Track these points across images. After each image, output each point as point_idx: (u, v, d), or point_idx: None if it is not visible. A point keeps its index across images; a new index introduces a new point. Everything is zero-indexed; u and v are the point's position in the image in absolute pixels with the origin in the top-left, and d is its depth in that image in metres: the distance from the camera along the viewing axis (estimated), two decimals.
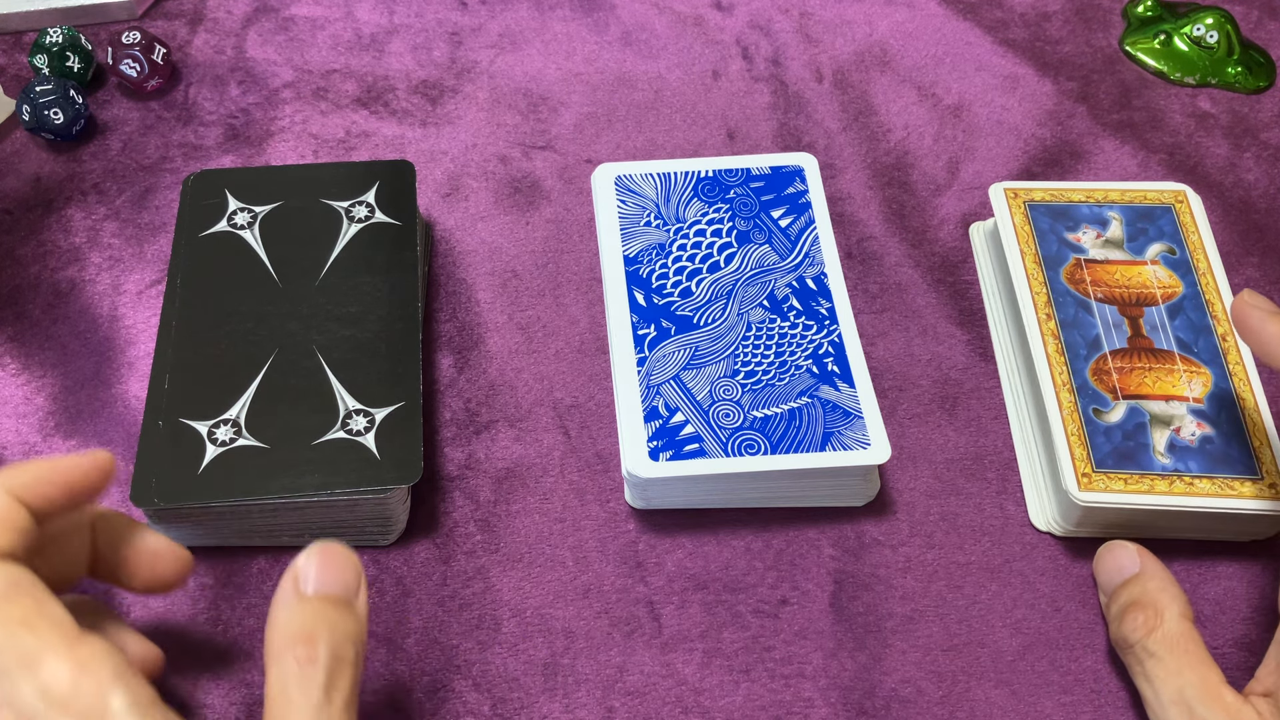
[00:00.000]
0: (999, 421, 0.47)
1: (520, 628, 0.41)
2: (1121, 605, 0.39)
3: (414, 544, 0.43)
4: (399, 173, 0.48)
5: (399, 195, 0.47)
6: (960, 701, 0.40)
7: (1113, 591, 0.40)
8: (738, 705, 0.40)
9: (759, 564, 0.43)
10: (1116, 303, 0.46)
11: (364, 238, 0.46)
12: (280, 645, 0.30)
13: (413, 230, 0.46)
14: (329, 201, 0.47)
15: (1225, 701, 0.35)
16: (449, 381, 0.47)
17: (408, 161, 0.48)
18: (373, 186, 0.47)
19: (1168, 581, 0.39)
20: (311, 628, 0.31)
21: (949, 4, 0.60)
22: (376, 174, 0.48)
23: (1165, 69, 0.58)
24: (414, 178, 0.48)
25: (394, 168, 0.48)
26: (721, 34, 0.59)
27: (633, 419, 0.42)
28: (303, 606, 0.31)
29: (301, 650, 0.30)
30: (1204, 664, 0.36)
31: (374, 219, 0.46)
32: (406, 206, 0.47)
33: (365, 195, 0.47)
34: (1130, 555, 0.40)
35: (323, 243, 0.46)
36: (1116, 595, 0.40)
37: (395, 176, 0.48)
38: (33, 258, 0.50)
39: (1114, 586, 0.40)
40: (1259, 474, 0.42)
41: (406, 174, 0.48)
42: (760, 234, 0.48)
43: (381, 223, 0.46)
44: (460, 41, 0.58)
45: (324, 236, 0.46)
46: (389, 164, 0.48)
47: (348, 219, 0.46)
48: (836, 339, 0.45)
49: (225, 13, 0.58)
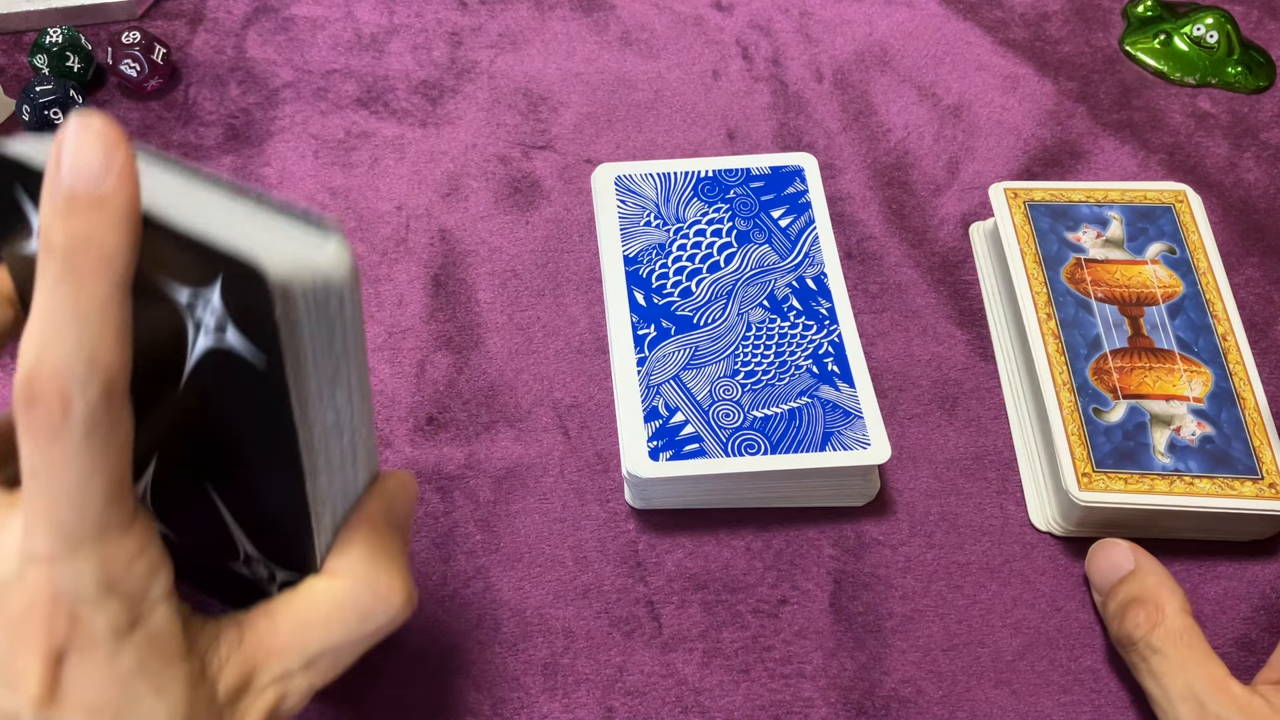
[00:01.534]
0: (999, 421, 0.47)
1: (520, 627, 0.41)
2: (1121, 603, 0.39)
3: (414, 544, 0.43)
4: (249, 283, 0.24)
5: (255, 314, 0.25)
6: (960, 701, 0.40)
7: (1109, 589, 0.40)
8: (738, 705, 0.40)
9: (759, 564, 0.43)
10: (1117, 302, 0.46)
11: (213, 368, 0.26)
12: (364, 565, 0.30)
13: (282, 384, 0.26)
14: (162, 282, 0.26)
15: (1234, 694, 0.35)
16: (449, 381, 0.47)
17: (258, 273, 0.24)
18: (214, 283, 0.25)
19: (1165, 576, 0.39)
20: (400, 566, 0.31)
21: (949, 4, 0.60)
22: (218, 267, 0.24)
23: (1165, 69, 0.58)
24: (284, 298, 0.24)
25: (243, 276, 0.24)
26: (721, 34, 0.59)
27: (633, 419, 0.42)
28: (393, 535, 0.31)
29: (386, 582, 0.30)
30: (1209, 658, 0.36)
31: (225, 338, 0.25)
32: (268, 330, 0.25)
33: (209, 293, 0.25)
34: (1124, 552, 0.40)
35: (158, 351, 0.27)
36: (1114, 593, 0.40)
37: (245, 286, 0.24)
38: None
39: (1110, 584, 0.40)
40: (1259, 474, 0.42)
41: (257, 288, 0.24)
42: (760, 234, 0.48)
43: (236, 358, 0.26)
44: (460, 41, 0.58)
45: (159, 339, 0.27)
46: (239, 264, 0.24)
47: (193, 325, 0.26)
48: (836, 339, 0.45)
49: (225, 13, 0.58)
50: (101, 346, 0.24)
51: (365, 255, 0.50)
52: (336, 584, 0.30)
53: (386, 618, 0.30)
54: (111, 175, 0.25)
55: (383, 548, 0.31)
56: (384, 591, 0.30)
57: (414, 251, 0.50)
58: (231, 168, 0.53)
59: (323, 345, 0.26)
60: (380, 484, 0.32)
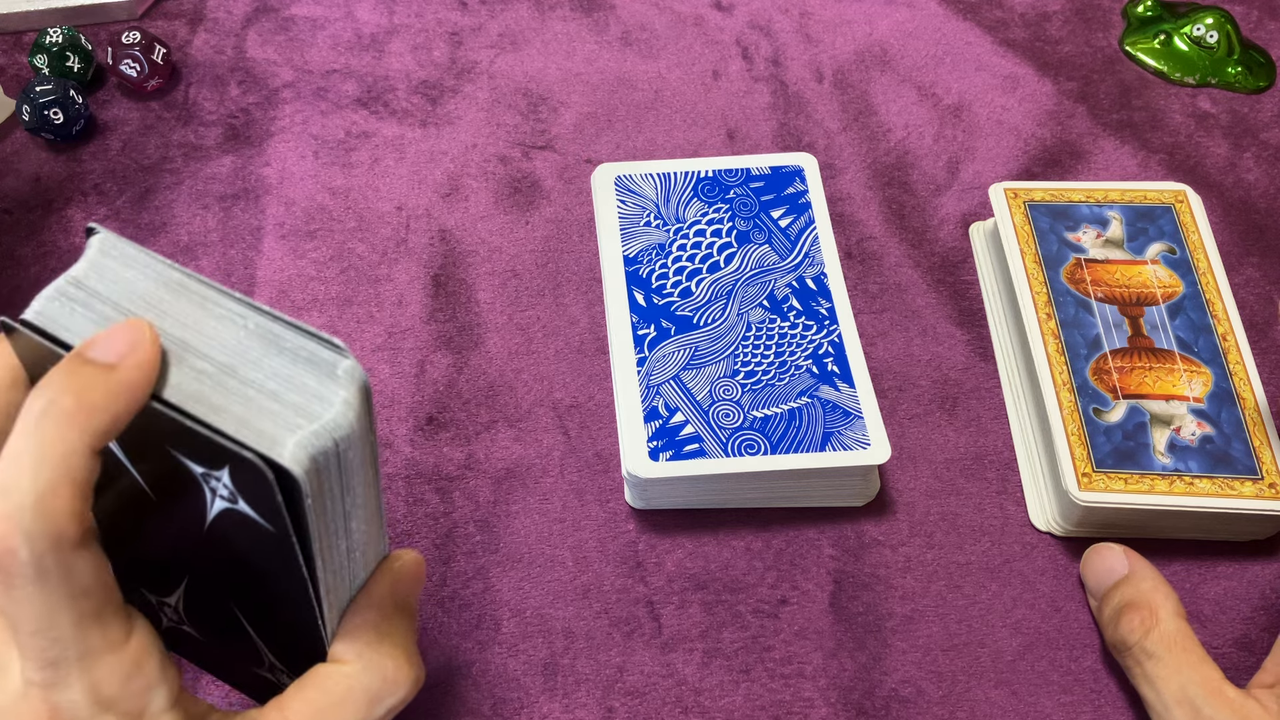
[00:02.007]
0: (999, 421, 0.47)
1: (520, 628, 0.41)
2: (1115, 608, 0.39)
3: (414, 544, 0.43)
4: (254, 475, 0.26)
5: (262, 496, 0.27)
6: (960, 701, 0.40)
7: (1103, 594, 0.40)
8: (738, 705, 0.40)
9: (759, 564, 0.43)
10: (1117, 302, 0.46)
11: (230, 523, 0.28)
12: (373, 651, 0.30)
13: (292, 545, 0.28)
14: (178, 456, 0.28)
15: (1228, 697, 0.35)
16: (449, 381, 0.47)
17: (260, 468, 0.26)
18: (224, 468, 0.27)
19: (1159, 581, 0.39)
20: (408, 647, 0.31)
21: (949, 4, 0.60)
22: (226, 458, 0.26)
23: (1165, 69, 0.58)
24: (295, 488, 0.26)
25: (249, 468, 0.26)
26: (721, 34, 0.59)
27: (633, 419, 0.42)
28: (400, 618, 0.31)
29: (393, 668, 0.30)
30: (1203, 662, 0.36)
31: (238, 506, 0.28)
32: (275, 509, 0.27)
33: (220, 473, 0.27)
34: (1118, 557, 0.40)
35: (181, 496, 0.29)
36: (1108, 598, 0.40)
37: (250, 477, 0.26)
38: (33, 258, 0.50)
39: (1104, 589, 0.40)
40: (1259, 474, 0.42)
41: (261, 480, 0.26)
42: (760, 234, 0.48)
43: (249, 518, 0.28)
44: (460, 41, 0.58)
45: (181, 487, 0.29)
46: (244, 459, 0.26)
47: (209, 490, 0.28)
48: (836, 339, 0.45)
49: (225, 13, 0.58)
50: (55, 499, 0.25)
51: (365, 255, 0.50)
52: (345, 670, 0.30)
53: (395, 699, 0.31)
54: (130, 357, 0.27)
55: (389, 630, 0.31)
56: (391, 674, 0.30)
57: (414, 251, 0.50)
58: (231, 168, 0.53)
59: (333, 502, 0.28)
60: (387, 565, 0.32)
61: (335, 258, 0.50)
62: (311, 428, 0.27)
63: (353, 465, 0.29)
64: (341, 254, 0.50)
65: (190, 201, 0.52)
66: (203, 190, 0.52)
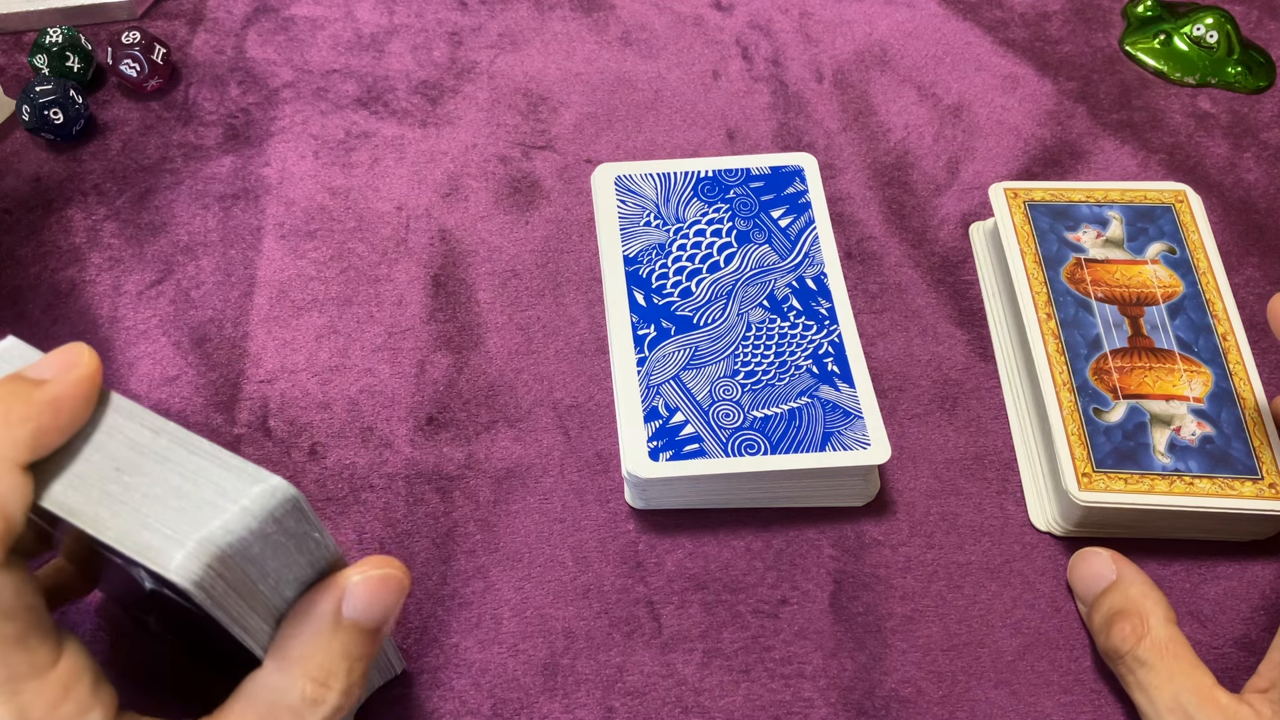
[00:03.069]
0: (999, 421, 0.47)
1: (520, 628, 0.41)
2: (1106, 615, 0.39)
3: (414, 544, 0.43)
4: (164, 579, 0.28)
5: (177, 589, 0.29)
6: (960, 701, 0.40)
7: (1092, 601, 0.40)
8: (738, 705, 0.40)
9: (759, 564, 0.43)
10: (1117, 302, 0.46)
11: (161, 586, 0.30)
12: (297, 667, 0.30)
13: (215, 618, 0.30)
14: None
15: (1221, 704, 0.35)
16: (449, 381, 0.47)
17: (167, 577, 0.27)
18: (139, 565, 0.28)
19: (1148, 586, 0.39)
20: (333, 667, 0.30)
21: (949, 4, 0.60)
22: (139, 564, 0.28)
23: (1165, 69, 0.58)
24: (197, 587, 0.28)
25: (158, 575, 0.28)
26: (721, 34, 0.59)
27: (633, 419, 0.42)
28: (335, 636, 0.30)
29: (312, 690, 0.30)
30: (1195, 668, 0.36)
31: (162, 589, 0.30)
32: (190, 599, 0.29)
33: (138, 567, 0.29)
34: (1105, 562, 0.40)
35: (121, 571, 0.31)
36: (1098, 605, 0.39)
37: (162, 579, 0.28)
38: (33, 258, 0.50)
39: (1093, 595, 0.40)
40: (1259, 474, 0.42)
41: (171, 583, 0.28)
42: (760, 234, 0.48)
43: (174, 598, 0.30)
44: (460, 41, 0.58)
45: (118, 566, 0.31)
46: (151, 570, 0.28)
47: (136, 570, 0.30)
48: (836, 339, 0.45)
49: (225, 13, 0.58)
50: None
51: (365, 255, 0.50)
52: (265, 683, 0.30)
53: (316, 718, 0.30)
54: (64, 375, 0.27)
55: (317, 649, 0.30)
56: (310, 694, 0.30)
57: (414, 251, 0.50)
58: (231, 168, 0.53)
59: (254, 584, 0.29)
60: (336, 581, 0.31)
61: (335, 258, 0.50)
62: (199, 534, 0.27)
63: (265, 560, 0.29)
64: (341, 254, 0.50)
65: (190, 201, 0.52)
66: (203, 190, 0.52)
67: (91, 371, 0.28)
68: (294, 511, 0.29)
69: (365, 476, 0.44)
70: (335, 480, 0.44)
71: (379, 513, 0.43)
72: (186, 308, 0.48)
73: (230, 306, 0.48)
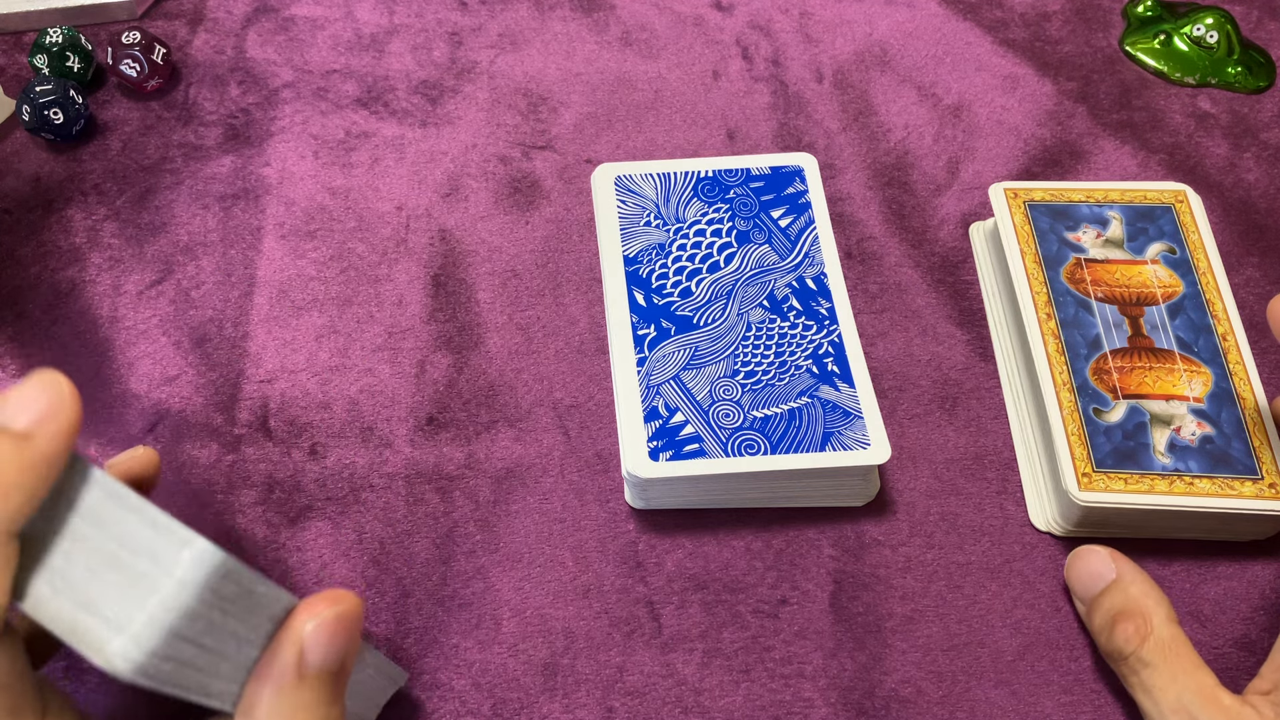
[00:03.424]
0: (999, 421, 0.47)
1: (520, 628, 0.41)
2: (1107, 616, 0.38)
3: (414, 544, 0.43)
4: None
5: None
6: (960, 701, 0.40)
7: (1092, 600, 0.40)
8: (738, 705, 0.40)
9: (759, 564, 0.43)
10: (1117, 302, 0.46)
11: None
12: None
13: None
14: None
15: (1224, 705, 0.35)
16: (449, 381, 0.47)
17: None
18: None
19: (1148, 585, 0.38)
20: (301, 706, 0.28)
21: (949, 4, 0.60)
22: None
23: (1165, 69, 0.58)
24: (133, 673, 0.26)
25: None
26: (721, 34, 0.59)
27: (633, 419, 0.42)
28: (300, 690, 0.28)
29: None
30: (1198, 668, 0.36)
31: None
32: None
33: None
34: (1104, 560, 0.40)
35: None
36: (1097, 604, 0.39)
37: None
38: (33, 258, 0.50)
39: (1092, 594, 0.40)
40: (1259, 474, 0.42)
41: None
42: (760, 234, 0.48)
43: None
44: (460, 41, 0.58)
45: None
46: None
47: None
48: (836, 339, 0.45)
49: (225, 13, 0.58)
50: None
51: (365, 255, 0.50)
52: None
53: None
54: (49, 424, 0.25)
55: (281, 706, 0.28)
56: None
57: (414, 251, 0.50)
58: (231, 168, 0.53)
59: (203, 659, 0.27)
60: (291, 630, 0.29)
61: (335, 258, 0.50)
62: (139, 618, 0.25)
63: (215, 629, 0.27)
64: (341, 254, 0.50)
65: (190, 201, 0.52)
66: (203, 190, 0.52)
67: (75, 418, 0.26)
68: (229, 575, 0.27)
69: (365, 476, 0.44)
70: (335, 480, 0.44)
71: (379, 513, 0.43)
72: (186, 308, 0.48)
73: (230, 306, 0.48)
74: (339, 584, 0.42)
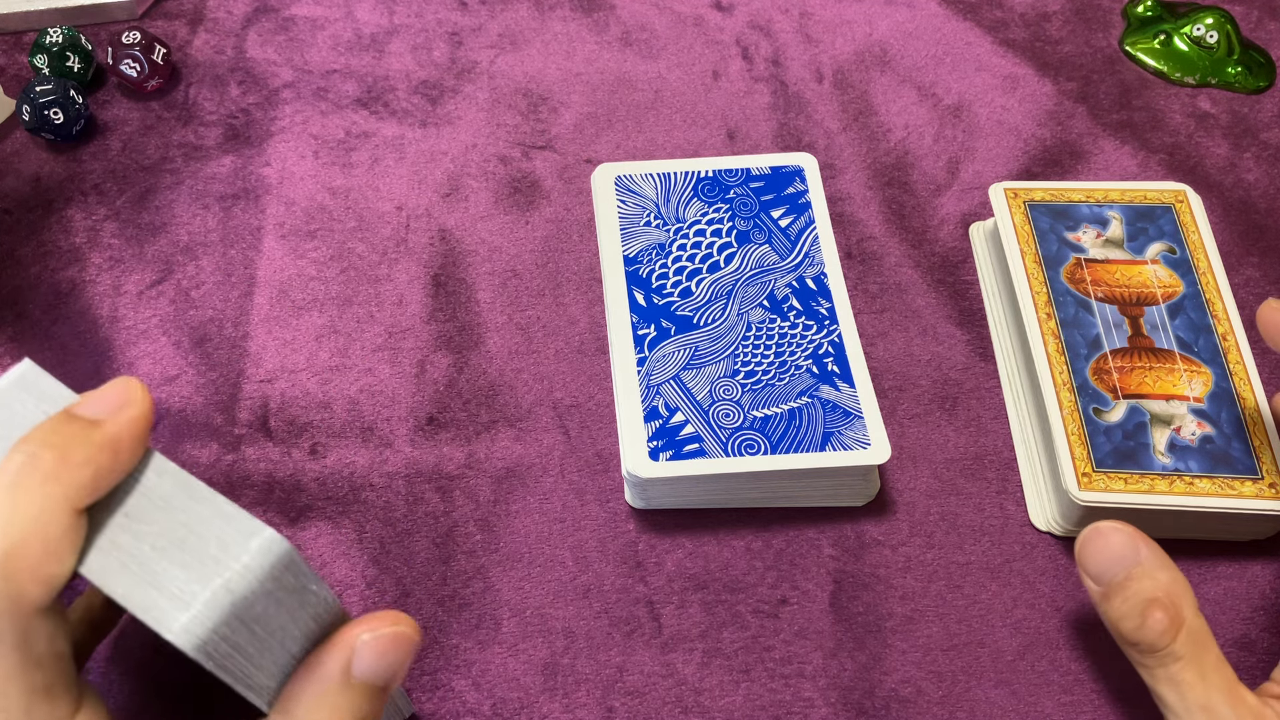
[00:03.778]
0: (999, 421, 0.47)
1: (520, 628, 0.41)
2: (1138, 603, 0.35)
3: (414, 544, 0.43)
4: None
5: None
6: (960, 701, 0.40)
7: (1114, 584, 0.36)
8: (738, 705, 0.40)
9: (759, 564, 0.43)
10: (1117, 302, 0.46)
11: None
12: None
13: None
14: None
15: (1250, 704, 0.33)
16: (449, 381, 0.47)
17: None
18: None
19: (1175, 571, 0.35)
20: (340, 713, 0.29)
21: (949, 4, 0.60)
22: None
23: (1165, 69, 0.58)
24: (195, 651, 0.27)
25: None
26: (721, 34, 0.59)
27: (633, 419, 0.42)
28: (342, 696, 0.29)
29: None
30: (1222, 663, 0.34)
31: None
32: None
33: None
34: (1128, 543, 0.36)
35: None
36: (1123, 589, 0.35)
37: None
38: (33, 258, 0.50)
39: (1113, 577, 0.36)
40: (1259, 474, 0.42)
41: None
42: (760, 234, 0.48)
43: None
44: (460, 41, 0.58)
45: None
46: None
47: None
48: (836, 339, 0.45)
49: (225, 13, 0.58)
50: (20, 559, 0.25)
51: (365, 255, 0.50)
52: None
53: None
54: (120, 414, 0.26)
55: (322, 708, 0.29)
56: None
57: (414, 251, 0.50)
58: (231, 168, 0.53)
59: (254, 646, 0.28)
60: (346, 637, 0.30)
61: (335, 257, 0.50)
62: (204, 595, 0.27)
63: (269, 617, 0.28)
64: (341, 254, 0.50)
65: (190, 201, 0.52)
66: (203, 190, 0.52)
67: (146, 410, 0.27)
68: (291, 566, 0.28)
69: (365, 476, 0.44)
70: (335, 480, 0.44)
71: (379, 512, 0.43)
72: (186, 308, 0.48)
73: (230, 306, 0.48)
74: (339, 583, 0.42)
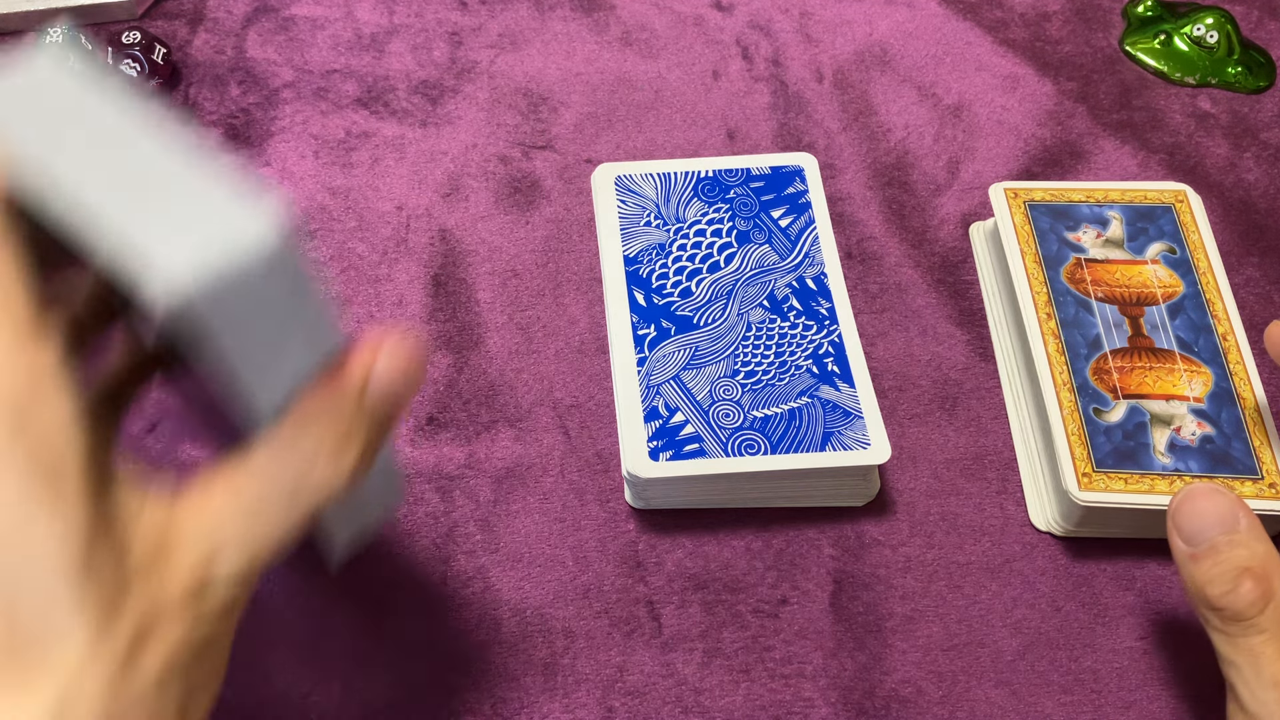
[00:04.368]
0: (999, 421, 0.47)
1: (520, 628, 0.41)
2: (1230, 569, 0.34)
3: (414, 544, 0.43)
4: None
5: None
6: (960, 701, 0.40)
7: (1207, 545, 0.35)
8: (738, 705, 0.40)
9: (759, 564, 0.43)
10: (1117, 302, 0.46)
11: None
12: (315, 424, 0.28)
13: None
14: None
15: None
16: (449, 381, 0.47)
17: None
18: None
19: (1272, 546, 0.35)
20: (353, 430, 0.28)
21: (949, 4, 0.60)
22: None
23: (1165, 69, 0.58)
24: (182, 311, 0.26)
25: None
26: (721, 34, 0.59)
27: (633, 419, 0.42)
28: (355, 418, 0.28)
29: (333, 441, 0.28)
30: None
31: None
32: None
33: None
34: (1230, 509, 0.35)
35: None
36: (1217, 553, 0.34)
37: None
38: None
39: (1208, 539, 0.35)
40: (1259, 474, 0.42)
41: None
42: (760, 234, 0.48)
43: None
44: (460, 41, 0.58)
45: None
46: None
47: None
48: (836, 339, 0.45)
49: (225, 13, 0.58)
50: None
51: (365, 255, 0.50)
52: (268, 448, 0.28)
53: (321, 482, 0.28)
54: None
55: (335, 413, 0.28)
56: (311, 454, 0.28)
57: (414, 251, 0.50)
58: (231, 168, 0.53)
59: (252, 325, 0.27)
60: (362, 359, 0.29)
61: (335, 257, 0.50)
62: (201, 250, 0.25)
63: (269, 299, 0.26)
64: (341, 254, 0.50)
65: None
66: None
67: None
68: (295, 251, 0.26)
69: None
70: None
71: None
72: None
73: None
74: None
